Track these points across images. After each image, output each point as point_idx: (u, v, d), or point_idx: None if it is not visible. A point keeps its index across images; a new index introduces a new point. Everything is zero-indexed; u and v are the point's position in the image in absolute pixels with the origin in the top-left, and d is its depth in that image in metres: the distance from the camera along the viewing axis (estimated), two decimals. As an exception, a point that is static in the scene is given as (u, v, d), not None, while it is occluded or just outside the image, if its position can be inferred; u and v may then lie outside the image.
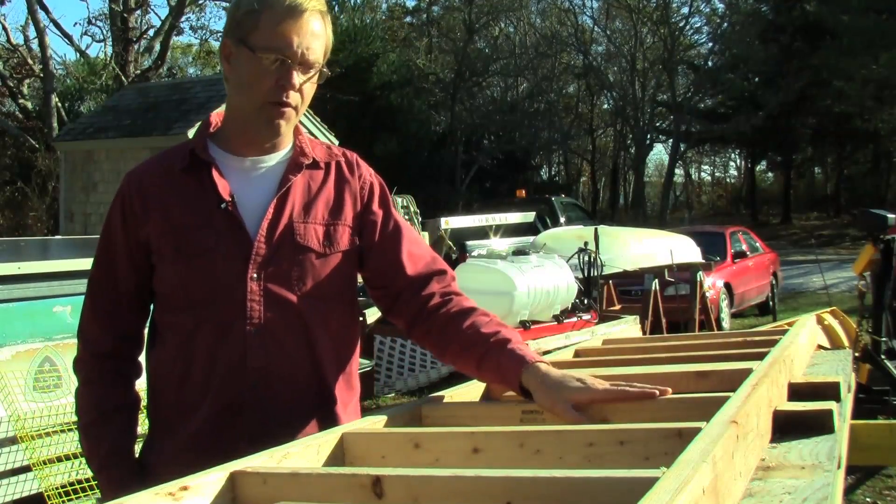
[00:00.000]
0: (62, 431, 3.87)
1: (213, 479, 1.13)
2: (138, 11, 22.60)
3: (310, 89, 1.61)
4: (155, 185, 1.63)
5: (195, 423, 1.59)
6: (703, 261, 8.68)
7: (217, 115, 1.71)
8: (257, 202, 1.61)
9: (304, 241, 1.60)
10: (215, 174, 1.60)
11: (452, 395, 1.71)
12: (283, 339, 1.59)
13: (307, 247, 1.60)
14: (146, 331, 1.70)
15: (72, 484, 3.79)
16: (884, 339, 5.22)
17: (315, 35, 1.57)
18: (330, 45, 1.63)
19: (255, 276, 1.57)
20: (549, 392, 1.45)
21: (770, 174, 42.41)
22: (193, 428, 1.59)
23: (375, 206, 1.70)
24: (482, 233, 12.16)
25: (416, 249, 1.72)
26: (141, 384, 1.71)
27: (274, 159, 1.65)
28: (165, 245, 1.59)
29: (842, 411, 1.51)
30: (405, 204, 9.58)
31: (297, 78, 1.56)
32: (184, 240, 1.58)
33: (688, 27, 33.35)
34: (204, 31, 29.75)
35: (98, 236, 1.71)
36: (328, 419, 1.62)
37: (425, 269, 1.70)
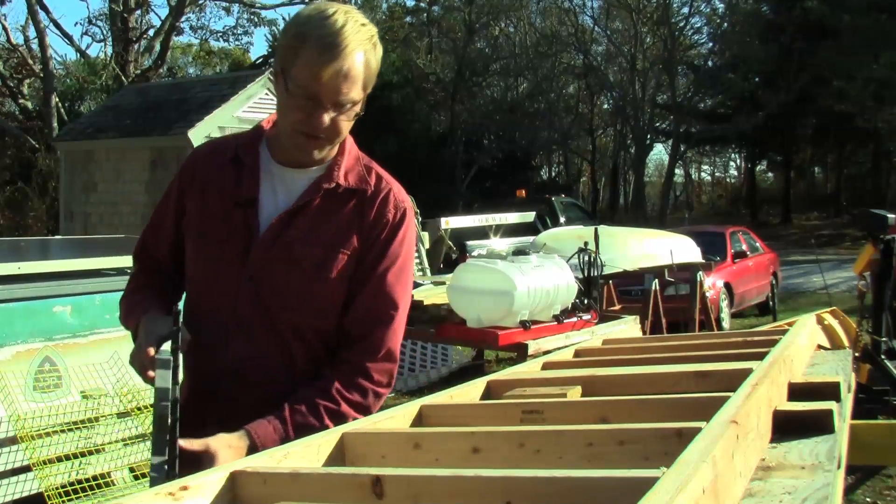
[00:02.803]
0: (62, 431, 3.86)
1: (213, 479, 1.14)
2: (138, 11, 22.61)
3: (346, 124, 1.63)
4: (205, 168, 1.74)
5: (189, 396, 1.64)
6: (703, 261, 8.67)
7: (270, 119, 1.78)
8: (274, 210, 1.67)
9: (297, 262, 1.64)
10: (247, 173, 1.69)
11: (452, 395, 1.71)
12: (261, 342, 1.64)
13: (299, 266, 1.64)
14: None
15: (72, 484, 3.79)
16: (884, 339, 5.22)
17: (349, 77, 1.55)
18: (374, 73, 1.63)
19: (247, 277, 1.64)
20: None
21: (770, 174, 42.42)
22: (187, 398, 1.64)
23: (373, 247, 1.68)
24: (482, 233, 12.16)
25: (364, 311, 1.67)
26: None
27: (306, 174, 1.70)
28: (191, 225, 1.71)
29: (842, 411, 1.51)
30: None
31: (327, 117, 1.58)
32: (205, 225, 1.69)
33: (688, 27, 33.37)
34: (204, 31, 29.80)
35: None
36: None
37: (354, 331, 1.67)
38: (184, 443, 1.47)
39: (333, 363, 1.66)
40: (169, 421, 1.48)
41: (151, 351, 1.54)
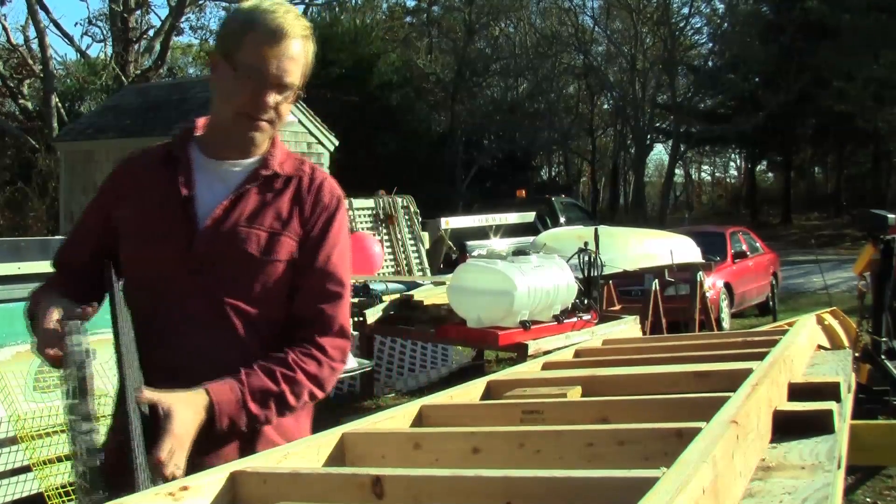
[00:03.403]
0: (62, 431, 3.86)
1: (213, 479, 1.14)
2: (138, 11, 22.59)
3: (286, 108, 1.71)
4: (137, 173, 1.78)
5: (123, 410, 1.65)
6: (703, 261, 8.68)
7: (203, 119, 1.83)
8: (214, 202, 1.70)
9: (243, 245, 1.67)
10: (182, 171, 1.72)
11: (452, 395, 1.71)
12: (213, 336, 1.66)
13: (245, 250, 1.67)
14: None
15: (72, 484, 3.79)
16: (884, 339, 5.22)
17: (293, 59, 1.67)
18: (310, 67, 1.74)
19: (192, 270, 1.66)
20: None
21: (770, 174, 42.41)
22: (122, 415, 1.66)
23: (314, 230, 1.73)
24: (482, 233, 12.17)
25: (312, 293, 1.71)
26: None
27: (242, 165, 1.75)
28: (128, 227, 1.73)
29: (842, 411, 1.51)
30: (405, 204, 9.58)
31: (272, 98, 1.66)
32: (142, 226, 1.71)
33: (688, 27, 33.37)
34: (204, 32, 29.75)
35: None
36: None
37: (306, 312, 1.70)
38: (148, 393, 1.51)
39: (288, 341, 1.69)
40: (88, 387, 1.49)
41: (55, 316, 1.56)
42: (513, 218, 12.74)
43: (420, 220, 9.84)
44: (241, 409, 1.59)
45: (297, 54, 1.67)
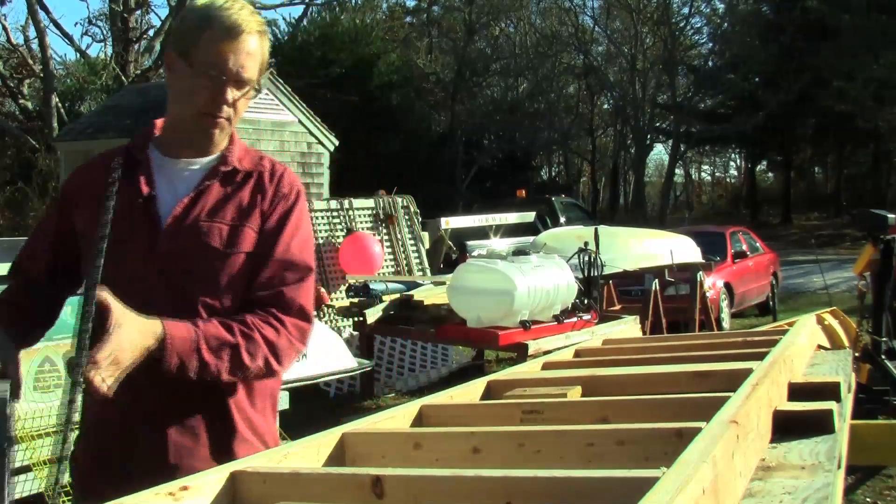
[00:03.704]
0: (60, 432, 3.86)
1: (213, 479, 1.14)
2: (138, 11, 22.58)
3: (243, 104, 1.72)
4: (93, 178, 1.76)
5: (100, 407, 1.66)
6: (703, 261, 8.68)
7: (160, 120, 1.83)
8: (175, 201, 1.71)
9: (206, 239, 1.68)
10: (141, 171, 1.73)
11: (452, 395, 1.71)
12: None
13: (209, 245, 1.68)
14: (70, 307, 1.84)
15: (72, 484, 3.78)
16: (884, 339, 5.22)
17: (250, 55, 1.68)
18: (266, 63, 1.75)
19: (158, 268, 1.67)
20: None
21: (770, 174, 42.39)
22: (98, 413, 1.69)
23: (273, 219, 1.74)
24: (482, 233, 12.17)
25: (272, 278, 1.71)
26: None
27: (201, 163, 1.76)
28: (90, 231, 1.71)
29: (842, 411, 1.51)
30: (405, 204, 9.58)
31: (231, 94, 1.67)
32: (102, 230, 1.69)
33: (688, 27, 33.36)
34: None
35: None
36: (221, 416, 1.69)
37: (266, 294, 1.70)
38: (105, 294, 1.51)
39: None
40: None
41: None
42: (513, 218, 12.73)
43: (420, 220, 9.82)
44: (193, 351, 1.57)
45: (254, 50, 1.68)
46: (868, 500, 4.65)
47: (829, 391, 1.58)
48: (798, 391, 1.61)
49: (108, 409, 1.65)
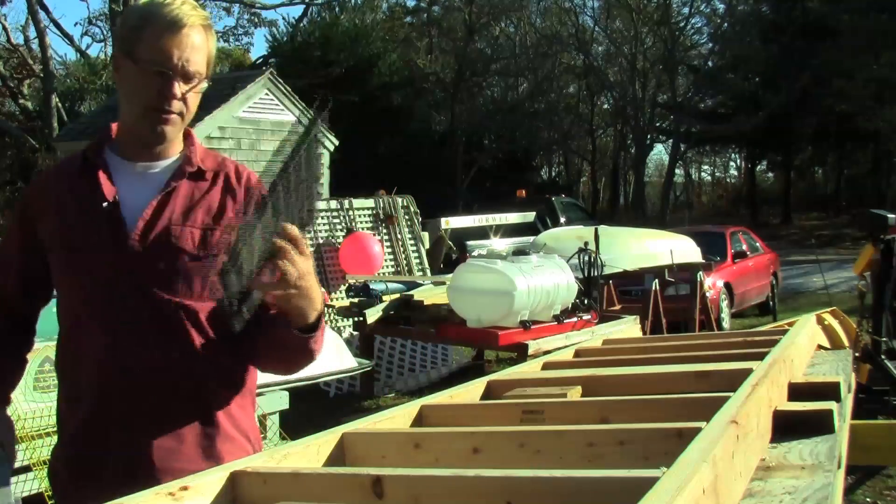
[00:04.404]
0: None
1: (213, 479, 1.14)
2: (138, 11, 22.57)
3: (193, 98, 1.70)
4: (52, 187, 1.75)
5: (79, 415, 1.66)
6: (703, 261, 8.68)
7: (117, 124, 1.80)
8: (140, 204, 1.69)
9: (178, 243, 1.66)
10: (102, 176, 1.70)
11: (452, 395, 1.71)
12: (154, 336, 1.64)
13: (181, 248, 1.66)
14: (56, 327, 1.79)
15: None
16: (884, 339, 5.22)
17: (195, 48, 1.66)
18: (213, 57, 1.73)
19: (129, 272, 1.64)
20: None
21: (770, 174, 42.37)
22: (77, 421, 1.67)
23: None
24: (482, 233, 12.17)
25: None
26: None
27: (161, 165, 1.74)
28: (55, 242, 1.70)
29: (842, 411, 1.51)
30: (405, 204, 9.58)
31: (179, 88, 1.65)
32: (70, 237, 1.68)
33: (688, 27, 33.35)
34: (204, 32, 29.64)
35: None
36: (204, 415, 1.68)
37: None
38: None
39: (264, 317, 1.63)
40: None
41: None
42: (513, 218, 12.73)
43: (420, 220, 9.83)
44: (322, 335, 1.63)
45: (199, 43, 1.66)
46: (868, 500, 4.65)
47: (829, 391, 1.58)
48: (798, 391, 1.61)
49: (87, 414, 1.65)
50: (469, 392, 1.76)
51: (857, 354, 4.76)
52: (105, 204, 1.67)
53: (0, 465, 1.54)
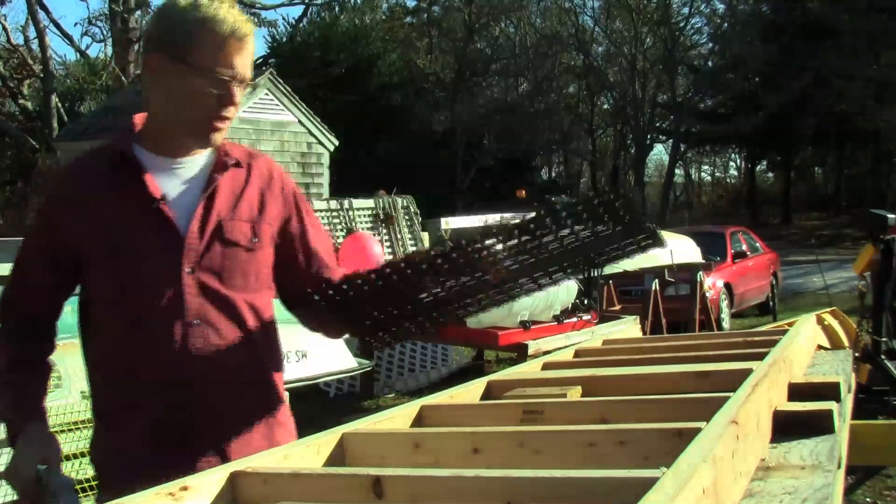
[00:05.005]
0: (62, 431, 3.86)
1: (213, 479, 1.14)
2: (138, 11, 22.58)
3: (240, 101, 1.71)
4: (81, 188, 1.68)
5: (144, 418, 1.63)
6: (703, 261, 8.68)
7: (139, 117, 1.76)
8: (185, 200, 1.67)
9: (232, 237, 1.68)
10: (145, 174, 1.66)
11: (452, 395, 1.71)
12: (222, 330, 1.65)
13: (236, 242, 1.68)
14: (79, 328, 1.77)
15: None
16: (884, 339, 5.21)
17: (250, 55, 1.67)
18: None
19: (188, 270, 1.63)
20: None
21: (770, 174, 42.36)
22: (143, 423, 1.63)
23: (306, 216, 1.81)
24: (482, 233, 12.15)
25: (330, 250, 1.87)
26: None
27: (197, 160, 1.72)
28: (96, 245, 1.64)
29: (842, 411, 1.51)
30: (405, 204, 9.58)
31: (238, 95, 1.65)
32: (115, 239, 1.63)
33: (688, 27, 33.36)
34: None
35: None
36: (267, 405, 1.73)
37: (338, 270, 1.84)
38: None
39: (332, 280, 1.76)
40: None
41: (30, 465, 1.52)
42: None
43: (420, 220, 9.83)
44: None
45: (252, 49, 1.68)
46: (868, 500, 4.65)
47: (829, 391, 1.58)
48: (798, 391, 1.61)
49: (153, 416, 1.62)
50: (469, 392, 1.75)
51: (857, 354, 4.76)
52: (154, 203, 1.64)
53: (67, 492, 1.50)
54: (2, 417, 1.72)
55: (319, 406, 6.84)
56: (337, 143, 12.43)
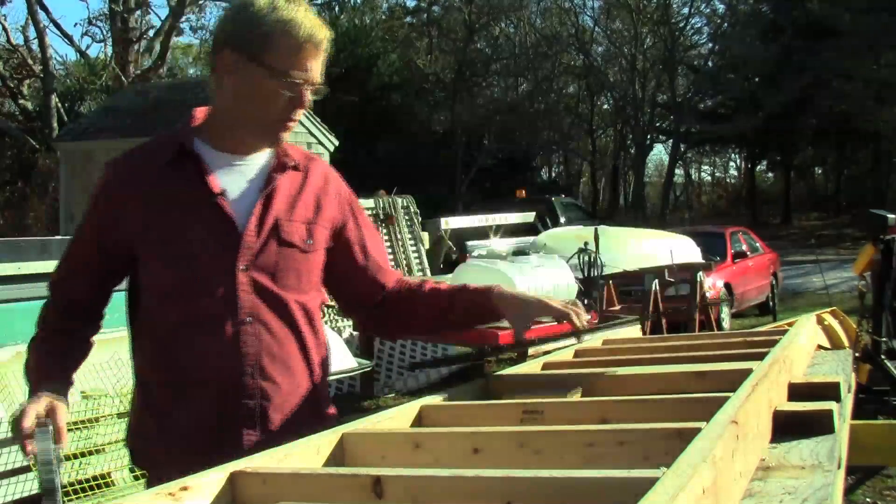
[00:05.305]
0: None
1: (213, 479, 1.14)
2: (138, 12, 22.58)
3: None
4: (140, 175, 1.69)
5: (191, 411, 1.63)
6: (703, 261, 8.68)
7: (202, 111, 1.77)
8: (243, 197, 1.68)
9: (289, 238, 1.68)
10: (205, 169, 1.67)
11: (452, 395, 1.71)
12: (273, 328, 1.66)
13: (292, 243, 1.69)
14: (128, 320, 1.77)
15: (72, 484, 3.79)
16: (884, 339, 5.21)
17: (323, 59, 1.67)
18: None
19: (243, 268, 1.64)
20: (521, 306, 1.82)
21: (770, 174, 42.37)
22: (190, 415, 1.63)
23: (361, 220, 1.84)
24: (482, 233, 12.15)
25: (384, 253, 1.91)
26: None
27: (258, 158, 1.73)
28: (151, 237, 1.65)
29: (842, 411, 1.51)
30: (405, 204, 9.58)
31: (309, 97, 1.66)
32: (171, 232, 1.64)
33: (688, 27, 33.36)
34: (204, 32, 29.74)
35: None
36: (316, 401, 1.74)
37: (392, 272, 1.90)
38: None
39: (397, 289, 1.85)
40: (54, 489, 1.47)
41: (35, 411, 1.55)
42: (513, 218, 12.73)
43: (420, 220, 9.83)
44: None
45: (326, 54, 1.68)
46: (868, 500, 4.65)
47: (829, 391, 1.58)
48: (798, 391, 1.61)
49: (205, 407, 1.63)
50: (469, 392, 1.76)
51: (857, 354, 4.75)
52: (214, 198, 1.65)
53: (42, 439, 1.52)
54: (27, 379, 1.75)
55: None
56: (337, 143, 12.42)
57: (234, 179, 1.68)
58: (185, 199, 1.65)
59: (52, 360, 1.72)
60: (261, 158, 1.72)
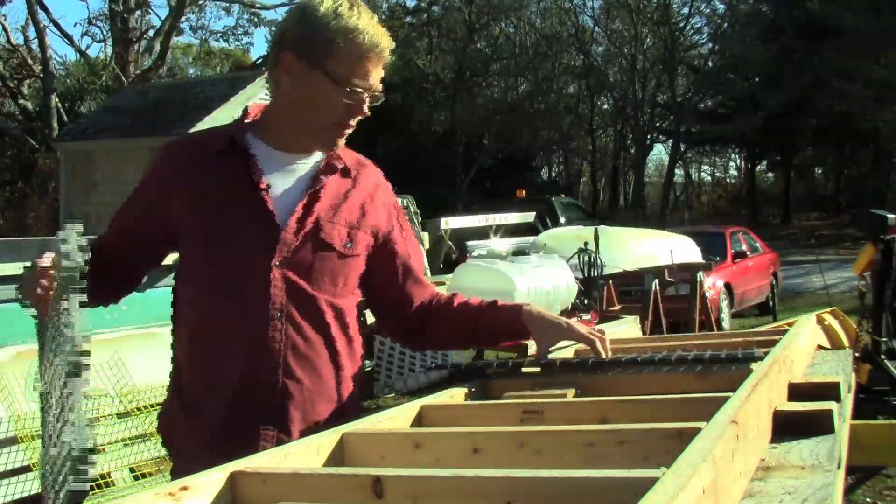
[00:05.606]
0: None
1: (213, 478, 1.14)
2: (138, 12, 22.59)
3: None
4: (191, 162, 1.70)
5: (215, 402, 1.64)
6: (703, 261, 8.67)
7: (257, 107, 1.77)
8: (288, 195, 1.68)
9: (328, 240, 1.68)
10: (252, 162, 1.67)
11: (452, 395, 1.71)
12: (303, 328, 1.65)
13: (331, 245, 1.68)
14: (172, 314, 1.77)
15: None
16: (884, 339, 5.21)
17: (383, 69, 1.68)
18: None
19: (278, 263, 1.63)
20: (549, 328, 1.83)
21: (770, 174, 42.39)
22: (214, 407, 1.64)
23: (406, 232, 1.86)
24: (482, 233, 12.16)
25: (423, 266, 1.93)
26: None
27: (309, 158, 1.73)
28: (193, 223, 1.66)
29: (842, 411, 1.51)
30: (405, 204, 9.57)
31: (367, 106, 1.66)
32: (213, 220, 1.65)
33: (688, 27, 33.38)
34: (204, 32, 29.77)
35: (95, 234, 1.75)
36: (341, 403, 1.73)
37: (429, 286, 1.90)
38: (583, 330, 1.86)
39: (429, 301, 1.86)
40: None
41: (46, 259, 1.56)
42: (513, 218, 12.73)
43: (420, 220, 9.82)
44: None
45: (387, 63, 1.68)
46: (868, 500, 4.65)
47: (829, 391, 1.58)
48: (798, 391, 1.61)
49: (232, 399, 1.63)
50: (469, 392, 1.76)
51: (857, 354, 4.76)
52: (255, 192, 1.65)
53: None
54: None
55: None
56: (337, 143, 12.41)
57: (281, 177, 1.69)
58: (230, 192, 1.65)
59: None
60: (313, 159, 1.73)
